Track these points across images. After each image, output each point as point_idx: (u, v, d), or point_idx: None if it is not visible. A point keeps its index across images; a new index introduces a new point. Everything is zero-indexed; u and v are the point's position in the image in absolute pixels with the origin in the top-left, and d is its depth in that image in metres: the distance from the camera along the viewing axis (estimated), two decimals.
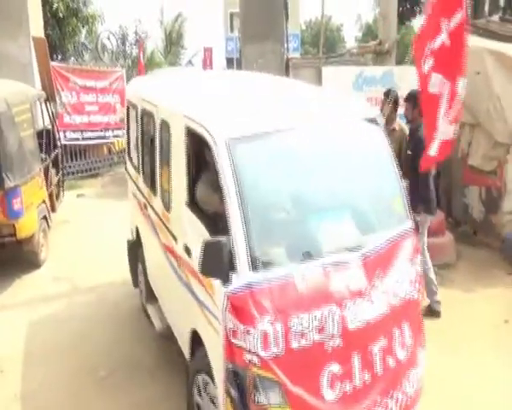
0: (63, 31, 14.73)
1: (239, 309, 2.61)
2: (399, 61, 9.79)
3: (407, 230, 3.28)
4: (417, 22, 17.96)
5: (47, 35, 12.37)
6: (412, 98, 5.08)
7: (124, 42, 13.90)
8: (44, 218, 7.06)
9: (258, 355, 2.57)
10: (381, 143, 3.42)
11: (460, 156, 6.84)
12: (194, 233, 3.19)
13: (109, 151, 12.93)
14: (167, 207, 3.79)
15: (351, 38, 50.69)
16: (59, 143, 8.83)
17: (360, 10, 63.53)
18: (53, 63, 10.93)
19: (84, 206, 9.55)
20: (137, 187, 4.99)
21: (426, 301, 4.79)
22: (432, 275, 4.97)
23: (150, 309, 4.81)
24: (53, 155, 8.25)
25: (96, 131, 12.27)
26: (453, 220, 7.22)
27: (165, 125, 3.84)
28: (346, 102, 3.82)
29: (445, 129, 4.22)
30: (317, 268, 2.80)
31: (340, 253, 2.90)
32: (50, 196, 7.67)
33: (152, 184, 4.30)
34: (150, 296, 4.87)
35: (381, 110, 5.28)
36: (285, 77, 9.87)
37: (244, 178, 2.80)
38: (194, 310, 3.23)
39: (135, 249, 5.35)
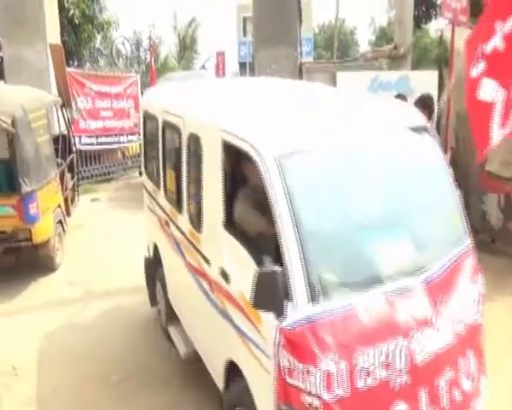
0: (79, 37, 14.89)
1: (297, 346, 2.36)
2: (415, 66, 9.72)
3: (467, 247, 3.07)
4: (433, 25, 17.81)
5: (63, 41, 12.50)
6: (421, 102, 5.00)
7: (138, 47, 13.99)
8: (60, 222, 7.12)
9: (320, 398, 2.32)
10: (435, 154, 3.19)
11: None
12: (233, 257, 2.94)
13: (123, 156, 13.03)
14: (197, 226, 3.51)
15: (364, 41, 50.65)
16: (74, 148, 8.92)
17: (374, 13, 63.37)
18: (69, 69, 11.05)
19: (98, 210, 9.62)
20: (157, 202, 4.70)
21: None
22: None
23: (173, 332, 4.52)
24: (68, 159, 8.32)
25: (111, 136, 12.37)
26: (471, 228, 7.10)
27: (194, 139, 3.56)
28: (395, 111, 3.52)
29: (500, 134, 4.02)
30: (380, 297, 2.54)
31: (402, 278, 2.65)
32: (66, 200, 7.74)
33: (177, 202, 4.01)
34: (171, 318, 4.60)
35: None
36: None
37: (297, 199, 2.53)
38: (231, 339, 2.99)
39: (153, 267, 5.11)
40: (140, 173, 12.92)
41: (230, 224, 3.03)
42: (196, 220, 3.56)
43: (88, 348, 4.88)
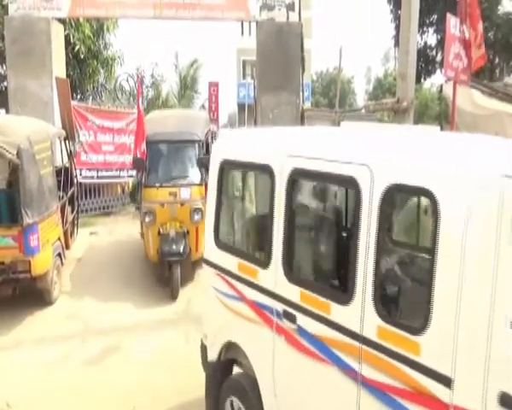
0: (83, 71, 15.12)
1: None
2: (416, 120, 9.97)
3: None
4: (431, 81, 18.37)
5: (68, 75, 12.70)
6: None
7: (141, 84, 14.19)
8: (59, 255, 7.08)
9: None
10: None
11: None
12: None
13: (123, 191, 13.10)
14: (408, 325, 2.40)
15: (361, 90, 52.06)
16: (75, 181, 8.96)
17: (370, 63, 65.33)
18: (72, 102, 11.19)
19: (96, 244, 9.57)
20: (253, 286, 3.37)
21: None
22: None
23: None
24: (70, 192, 8.35)
25: (111, 170, 12.49)
26: None
27: (407, 195, 2.66)
28: None
29: None
30: None
31: None
32: (65, 233, 7.72)
33: (333, 285, 3.03)
34: None
35: None
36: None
37: None
38: None
39: (221, 376, 3.85)
40: (137, 208, 12.74)
41: None
42: (406, 316, 2.53)
43: (85, 387, 4.78)
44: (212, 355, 3.87)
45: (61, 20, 11.93)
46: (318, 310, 2.83)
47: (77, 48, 14.57)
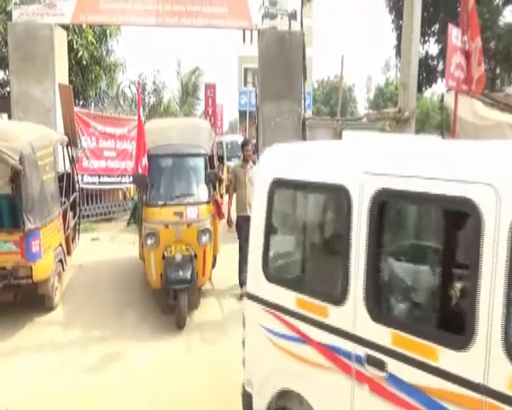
0: (86, 78, 15.17)
1: None
2: (418, 130, 10.02)
3: None
4: (432, 90, 18.43)
5: (70, 81, 12.76)
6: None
7: (143, 91, 14.25)
8: (60, 261, 7.08)
9: None
10: None
11: None
12: None
13: (124, 197, 13.13)
14: None
15: (362, 98, 52.30)
16: (77, 187, 8.98)
17: (371, 72, 65.58)
18: (75, 108, 11.22)
19: (98, 250, 9.57)
20: (319, 325, 2.89)
21: None
22: None
23: None
24: (71, 198, 8.36)
25: (113, 176, 12.54)
26: None
27: None
28: None
29: None
30: None
31: None
32: (67, 239, 7.72)
33: (443, 327, 2.46)
34: None
35: None
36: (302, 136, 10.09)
37: None
38: None
39: None
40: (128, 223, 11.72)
41: None
42: None
43: (84, 394, 4.75)
44: (261, 406, 3.35)
45: (64, 27, 11.99)
46: (419, 356, 2.39)
47: (80, 54, 14.64)
